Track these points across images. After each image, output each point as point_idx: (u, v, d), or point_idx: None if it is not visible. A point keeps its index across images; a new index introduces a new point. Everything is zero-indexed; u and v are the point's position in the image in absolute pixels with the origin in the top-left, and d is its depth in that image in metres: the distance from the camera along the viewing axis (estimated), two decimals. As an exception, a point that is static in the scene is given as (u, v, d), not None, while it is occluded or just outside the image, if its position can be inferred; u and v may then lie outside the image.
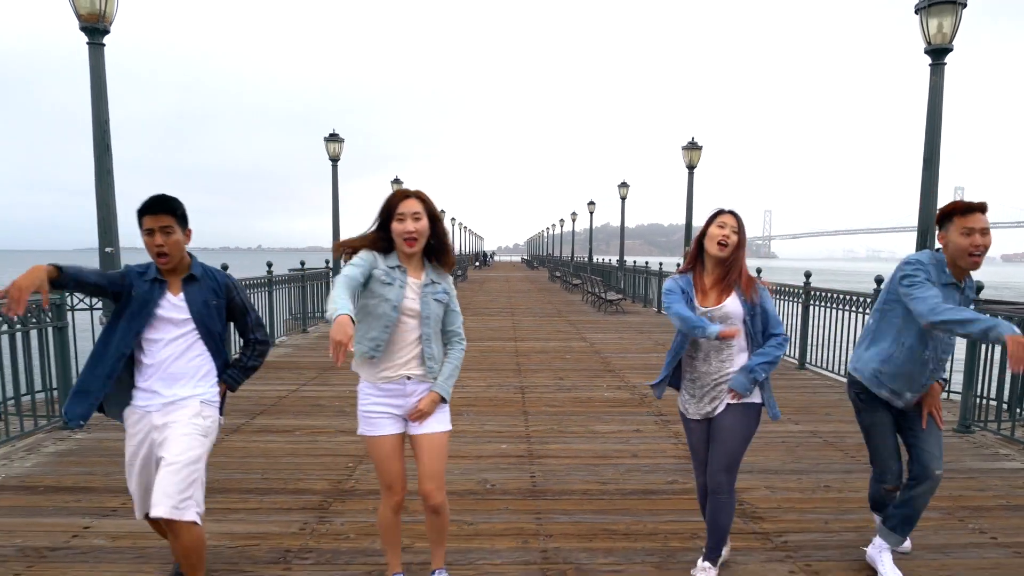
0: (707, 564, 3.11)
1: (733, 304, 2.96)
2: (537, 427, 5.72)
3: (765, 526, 3.77)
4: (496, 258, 79.68)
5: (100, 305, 6.20)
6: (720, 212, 3.01)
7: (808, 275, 9.20)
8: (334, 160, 17.08)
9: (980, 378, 5.80)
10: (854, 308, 7.85)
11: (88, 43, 6.74)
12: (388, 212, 2.71)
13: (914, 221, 7.66)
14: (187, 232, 2.78)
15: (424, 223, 2.70)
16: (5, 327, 5.21)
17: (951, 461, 4.64)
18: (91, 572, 3.16)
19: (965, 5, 7.23)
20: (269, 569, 3.20)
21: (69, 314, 5.88)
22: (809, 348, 8.90)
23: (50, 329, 5.71)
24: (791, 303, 9.40)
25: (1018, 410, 5.66)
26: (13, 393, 5.34)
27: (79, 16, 6.65)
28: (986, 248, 2.87)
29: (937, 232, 3.01)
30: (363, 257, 2.68)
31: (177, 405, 2.71)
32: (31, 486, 4.27)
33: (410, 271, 2.76)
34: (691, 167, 15.87)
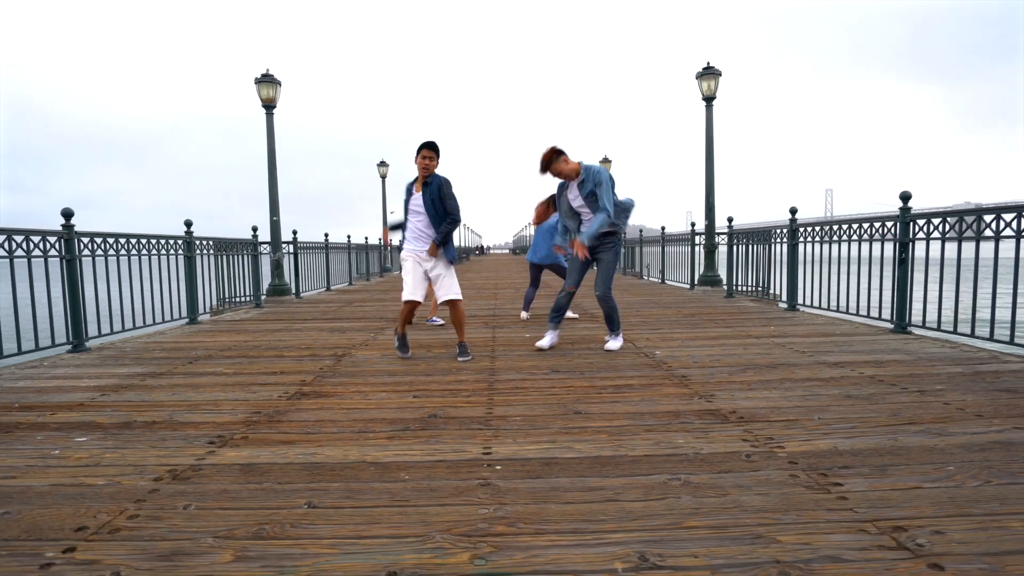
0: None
1: None
2: (500, 332, 6.98)
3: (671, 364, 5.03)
4: (490, 250, 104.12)
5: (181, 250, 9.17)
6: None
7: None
8: (383, 177, 23.58)
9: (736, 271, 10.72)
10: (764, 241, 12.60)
11: (266, 114, 12.32)
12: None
13: (972, 200, 10.26)
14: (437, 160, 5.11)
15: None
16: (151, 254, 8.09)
17: (703, 300, 9.46)
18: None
19: (720, 74, 12.13)
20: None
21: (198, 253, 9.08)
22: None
23: (182, 257, 8.72)
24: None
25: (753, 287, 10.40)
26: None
27: (262, 100, 12.19)
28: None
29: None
30: None
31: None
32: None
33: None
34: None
